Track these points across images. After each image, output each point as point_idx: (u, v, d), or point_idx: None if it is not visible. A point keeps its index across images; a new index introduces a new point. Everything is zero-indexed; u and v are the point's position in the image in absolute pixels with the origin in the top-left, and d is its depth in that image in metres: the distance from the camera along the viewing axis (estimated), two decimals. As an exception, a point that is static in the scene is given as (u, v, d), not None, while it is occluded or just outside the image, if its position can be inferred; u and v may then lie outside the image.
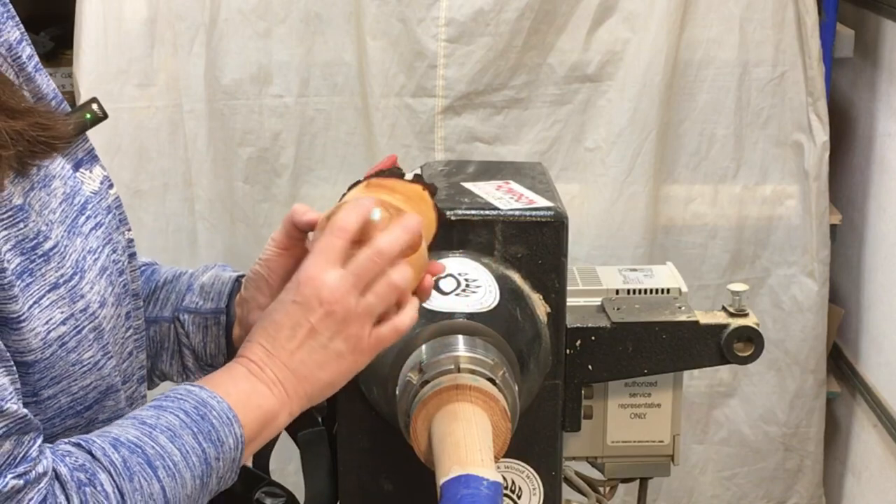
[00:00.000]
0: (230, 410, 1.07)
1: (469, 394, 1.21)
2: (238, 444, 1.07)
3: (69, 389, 1.05)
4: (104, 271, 1.08)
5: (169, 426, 1.04)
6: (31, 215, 1.01)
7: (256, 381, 1.10)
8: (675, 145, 2.51)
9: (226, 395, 1.08)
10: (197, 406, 1.06)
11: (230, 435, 1.07)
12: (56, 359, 1.02)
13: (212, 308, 1.28)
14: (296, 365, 1.11)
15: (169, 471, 1.02)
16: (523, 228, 1.35)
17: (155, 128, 2.48)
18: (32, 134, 1.01)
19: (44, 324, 1.00)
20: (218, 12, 2.42)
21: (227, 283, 1.29)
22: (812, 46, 2.44)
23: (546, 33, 2.42)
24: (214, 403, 1.07)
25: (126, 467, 1.00)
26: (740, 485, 2.71)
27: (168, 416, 1.05)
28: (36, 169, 1.04)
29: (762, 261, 2.59)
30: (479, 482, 1.10)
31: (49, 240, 1.02)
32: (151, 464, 1.01)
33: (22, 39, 1.10)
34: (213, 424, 1.06)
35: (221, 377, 1.11)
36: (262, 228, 2.52)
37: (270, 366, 1.11)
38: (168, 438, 1.03)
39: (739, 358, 1.47)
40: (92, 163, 1.14)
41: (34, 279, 0.99)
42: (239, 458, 1.08)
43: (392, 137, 2.45)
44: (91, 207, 1.09)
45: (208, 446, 1.05)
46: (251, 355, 1.11)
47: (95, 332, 1.06)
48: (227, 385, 1.09)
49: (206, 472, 1.05)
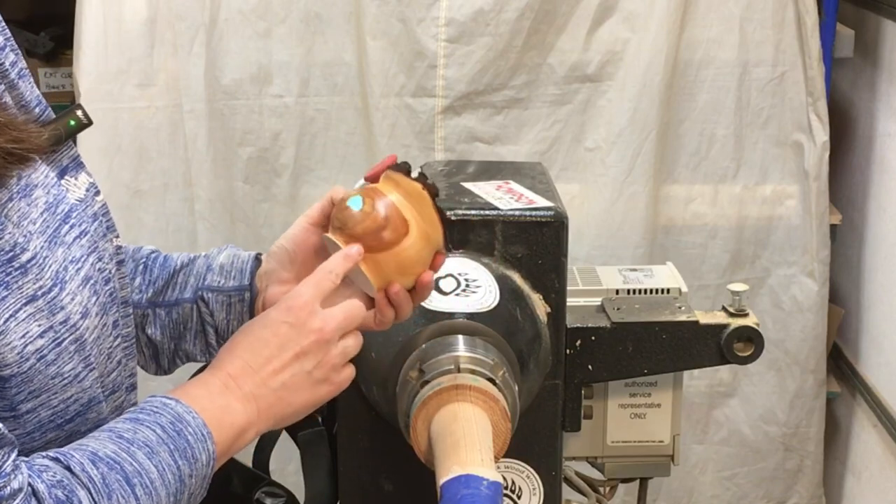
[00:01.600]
0: (205, 427, 1.07)
1: (469, 394, 1.21)
2: (210, 461, 1.08)
3: (49, 403, 1.04)
4: (87, 281, 1.07)
5: (146, 442, 1.04)
6: (7, 227, 0.99)
7: (231, 396, 1.10)
8: (675, 145, 2.51)
9: (201, 410, 1.08)
10: (173, 422, 1.06)
11: (203, 451, 1.07)
12: (34, 372, 1.01)
13: (235, 286, 1.29)
14: (276, 385, 1.12)
15: (146, 489, 1.02)
16: (523, 228, 1.35)
17: (155, 128, 2.48)
18: (6, 147, 1.00)
19: (20, 337, 0.99)
20: (218, 12, 2.42)
21: (248, 260, 1.30)
22: (812, 46, 2.44)
23: (546, 33, 2.42)
24: (190, 419, 1.07)
25: (105, 484, 1.00)
26: (740, 485, 2.71)
27: (145, 430, 1.05)
28: (16, 179, 1.03)
29: (762, 261, 2.59)
30: (479, 482, 1.10)
31: (27, 251, 1.00)
32: (130, 481, 1.01)
33: (5, 46, 1.09)
34: (189, 441, 1.06)
35: (197, 390, 1.11)
36: (262, 228, 2.52)
37: (248, 381, 1.11)
38: (146, 455, 1.03)
39: (739, 358, 1.47)
40: (77, 170, 1.14)
41: (10, 292, 0.98)
42: (209, 474, 1.09)
43: (392, 137, 2.45)
44: (76, 216, 1.09)
45: (183, 463, 1.05)
46: (230, 368, 1.12)
47: (77, 344, 1.05)
48: (202, 400, 1.09)
49: (179, 489, 1.05)
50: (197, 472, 1.06)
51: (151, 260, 1.32)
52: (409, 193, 1.17)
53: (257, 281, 1.28)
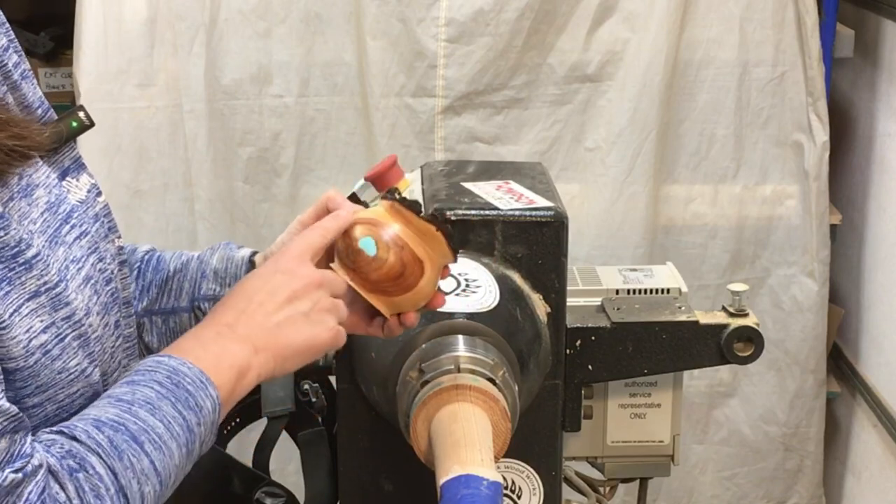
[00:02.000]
0: (202, 374, 1.07)
1: (469, 394, 1.21)
2: (216, 406, 1.07)
3: (55, 397, 1.04)
4: (88, 280, 1.07)
5: (146, 399, 1.04)
6: (11, 224, 1.00)
7: (225, 340, 1.10)
8: (675, 145, 2.51)
9: (196, 359, 1.08)
10: (169, 375, 1.06)
11: (207, 398, 1.06)
12: (41, 367, 1.01)
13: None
14: (270, 325, 1.11)
15: (155, 444, 1.02)
16: (523, 228, 1.35)
17: (155, 128, 2.48)
18: (8, 144, 1.01)
19: (24, 332, 0.99)
20: (218, 12, 2.42)
21: (241, 264, 1.30)
22: (812, 46, 2.44)
23: (546, 33, 2.42)
24: (185, 370, 1.06)
25: (113, 446, 1.00)
26: (740, 485, 2.71)
27: (143, 389, 1.04)
28: (17, 178, 1.03)
29: (762, 261, 2.59)
30: (479, 482, 1.10)
31: (31, 248, 1.01)
32: (137, 439, 1.01)
33: (9, 47, 1.09)
34: (189, 391, 1.06)
35: (189, 342, 1.11)
36: (262, 228, 2.52)
37: (241, 325, 1.11)
38: (148, 412, 1.03)
39: (739, 358, 1.47)
40: (79, 171, 1.14)
41: (13, 287, 0.99)
42: (217, 419, 1.08)
43: (392, 137, 2.45)
44: (77, 216, 1.09)
45: (188, 413, 1.05)
46: (221, 317, 1.12)
47: (81, 340, 1.05)
48: (196, 350, 1.09)
49: (190, 439, 1.05)
50: (204, 419, 1.06)
51: (144, 263, 1.32)
52: (422, 232, 1.15)
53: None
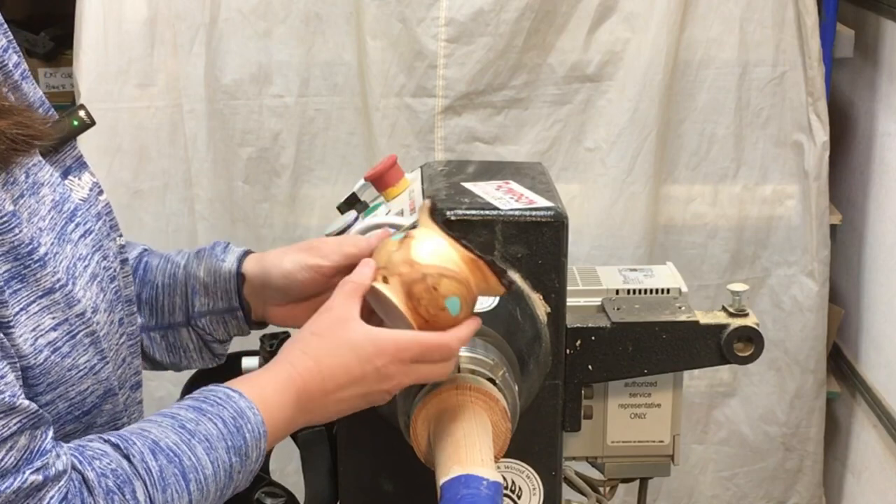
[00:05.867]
0: (263, 426, 1.09)
1: (469, 394, 1.21)
2: (259, 459, 1.10)
3: (66, 395, 1.05)
4: (94, 278, 1.08)
5: (207, 436, 1.05)
6: (22, 222, 1.00)
7: (293, 405, 1.12)
8: (675, 145, 2.51)
9: (262, 404, 1.09)
10: (235, 416, 1.07)
11: (255, 449, 1.08)
12: (51, 364, 1.02)
13: (225, 307, 1.31)
14: (333, 411, 1.15)
15: (199, 484, 1.04)
16: (523, 228, 1.35)
17: (155, 128, 2.48)
18: (13, 132, 1.01)
19: (31, 330, 1.00)
20: (218, 12, 2.42)
21: (230, 279, 1.31)
22: (812, 46, 2.44)
23: (546, 33, 2.42)
24: (251, 416, 1.08)
25: (161, 477, 1.01)
26: (740, 485, 2.71)
27: (207, 423, 1.06)
28: (24, 176, 1.04)
29: (762, 261, 2.59)
30: (479, 482, 1.10)
31: (42, 246, 1.02)
32: (185, 476, 1.03)
33: (8, 47, 1.09)
34: (246, 439, 1.08)
35: (263, 379, 1.12)
36: (261, 228, 2.52)
37: (314, 400, 1.13)
38: (205, 450, 1.04)
39: (739, 358, 1.47)
40: (81, 170, 1.14)
41: (24, 285, 0.99)
42: (256, 470, 1.11)
43: (392, 137, 2.45)
44: (80, 215, 1.10)
45: (236, 461, 1.07)
46: (304, 372, 1.12)
47: (91, 337, 1.06)
48: (265, 392, 1.11)
49: (227, 484, 1.07)
50: (246, 469, 1.08)
51: (133, 272, 1.32)
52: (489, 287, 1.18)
53: (247, 297, 1.31)
